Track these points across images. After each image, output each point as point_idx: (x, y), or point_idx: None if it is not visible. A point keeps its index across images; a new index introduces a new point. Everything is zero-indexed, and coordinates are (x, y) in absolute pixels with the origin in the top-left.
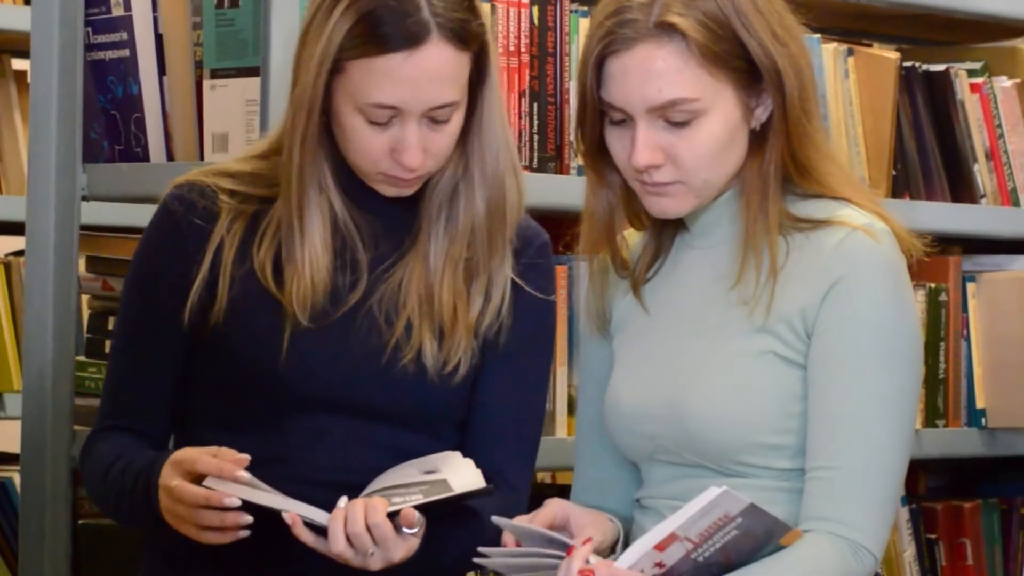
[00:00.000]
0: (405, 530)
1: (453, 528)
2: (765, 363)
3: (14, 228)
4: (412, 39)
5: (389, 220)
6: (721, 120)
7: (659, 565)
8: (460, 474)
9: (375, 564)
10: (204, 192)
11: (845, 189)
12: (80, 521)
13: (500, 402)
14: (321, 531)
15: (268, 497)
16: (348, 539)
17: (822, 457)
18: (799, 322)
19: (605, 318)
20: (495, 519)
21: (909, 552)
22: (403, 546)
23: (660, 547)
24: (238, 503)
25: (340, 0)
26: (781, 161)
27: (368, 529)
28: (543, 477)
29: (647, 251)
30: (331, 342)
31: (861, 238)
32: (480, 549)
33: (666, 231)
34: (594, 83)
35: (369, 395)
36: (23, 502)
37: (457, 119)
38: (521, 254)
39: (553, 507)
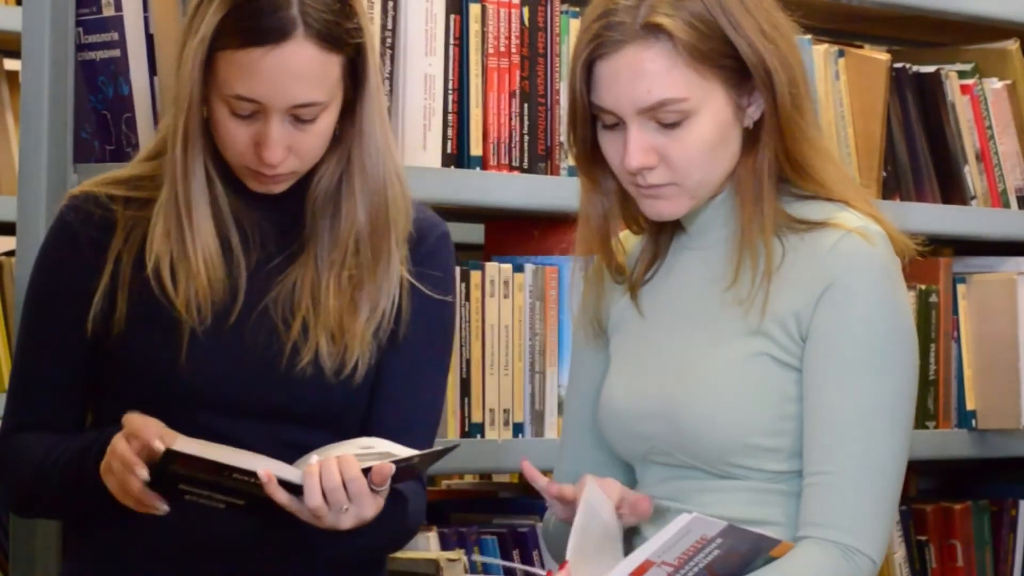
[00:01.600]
0: (374, 488)
1: (390, 504)
2: (759, 365)
3: (5, 228)
4: (275, 34)
5: (276, 219)
6: (712, 119)
7: None
8: (397, 448)
9: (347, 521)
10: (99, 202)
11: (842, 189)
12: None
13: (400, 397)
14: (292, 490)
15: (237, 456)
16: (323, 495)
17: (818, 463)
18: (793, 324)
19: (600, 325)
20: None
21: (899, 554)
22: (375, 504)
23: (636, 574)
24: (161, 448)
25: None
26: (775, 159)
27: (343, 485)
28: None
29: (645, 254)
30: (229, 346)
31: (856, 241)
32: None
33: (663, 234)
34: (584, 87)
35: (271, 398)
36: (12, 518)
37: (326, 120)
38: (418, 245)
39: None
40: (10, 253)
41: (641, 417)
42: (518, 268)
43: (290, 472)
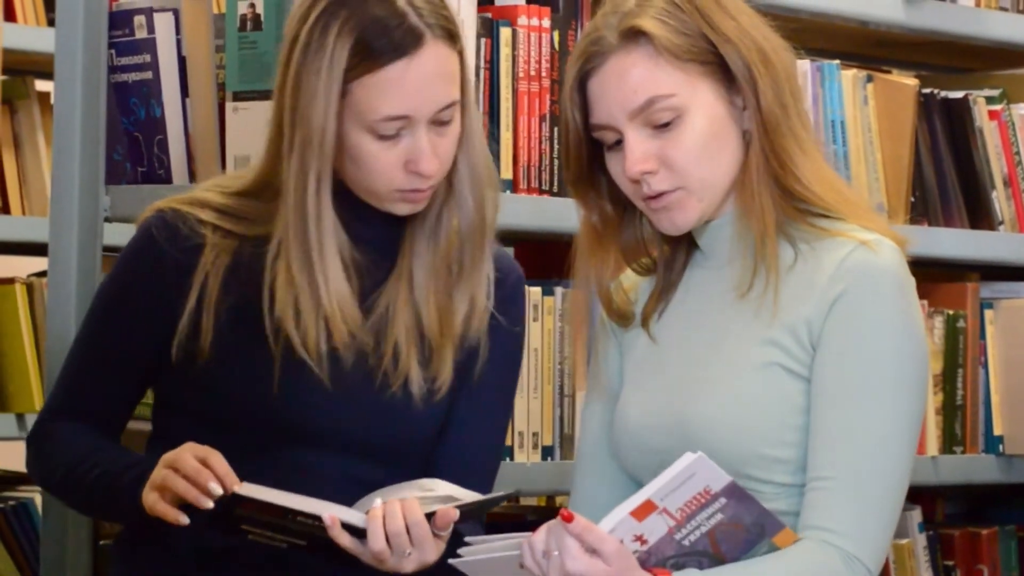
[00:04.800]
0: (437, 533)
1: (451, 547)
2: (770, 374)
3: (37, 249)
4: (411, 44)
5: (379, 246)
6: (704, 115)
7: (640, 540)
8: (457, 490)
9: (409, 566)
10: (187, 222)
11: (832, 199)
12: (100, 542)
13: (471, 435)
14: (355, 533)
15: (301, 501)
16: (387, 539)
17: (820, 468)
18: (804, 333)
19: (610, 387)
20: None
21: None
22: (437, 548)
23: (637, 515)
24: (219, 492)
25: (328, 28)
26: (762, 154)
27: (407, 529)
28: (562, 501)
29: (656, 289)
30: (322, 375)
31: (866, 252)
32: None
33: (676, 264)
34: (578, 111)
35: (357, 428)
36: (44, 523)
37: (458, 120)
38: (499, 285)
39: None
40: (41, 274)
41: (653, 430)
42: (548, 291)
43: (353, 516)
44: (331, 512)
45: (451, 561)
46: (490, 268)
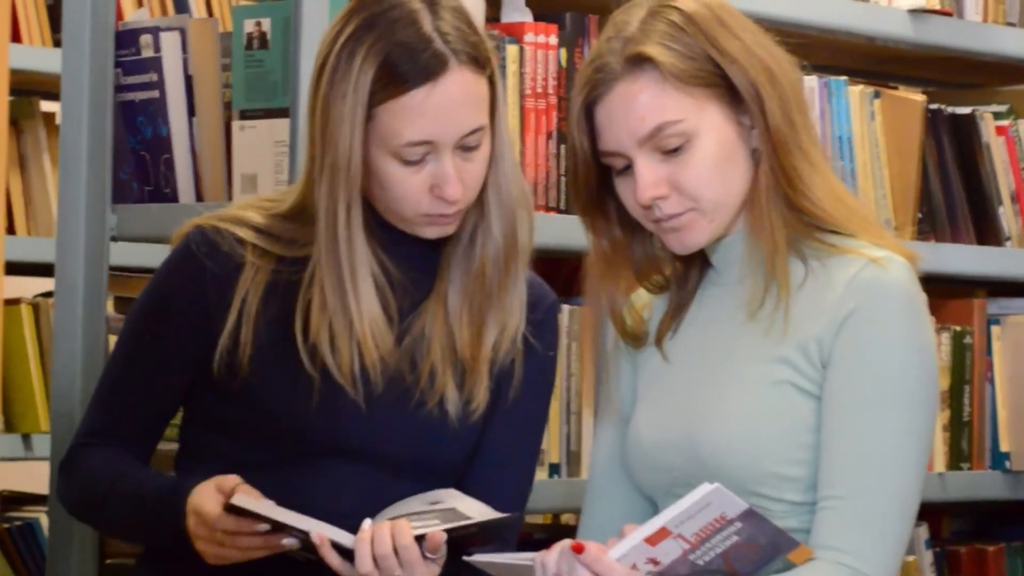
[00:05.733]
0: (428, 555)
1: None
2: (781, 393)
3: (43, 269)
4: (434, 69)
5: (415, 268)
6: (713, 138)
7: (653, 562)
8: (466, 503)
9: None
10: (226, 239)
11: (843, 216)
12: (107, 561)
13: (502, 461)
14: (345, 553)
15: (294, 517)
16: (375, 560)
17: (831, 487)
18: (815, 351)
19: (623, 409)
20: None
21: None
22: (428, 572)
23: (651, 541)
24: (267, 528)
25: (355, 53)
26: (772, 173)
27: (395, 552)
28: (568, 519)
29: (670, 307)
30: (357, 396)
31: (876, 270)
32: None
33: (689, 282)
34: (585, 137)
35: (390, 445)
36: (51, 543)
37: (487, 144)
38: (533, 310)
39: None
40: (48, 294)
41: (664, 448)
42: None
43: (343, 536)
44: (320, 531)
45: (467, 558)
46: (523, 292)
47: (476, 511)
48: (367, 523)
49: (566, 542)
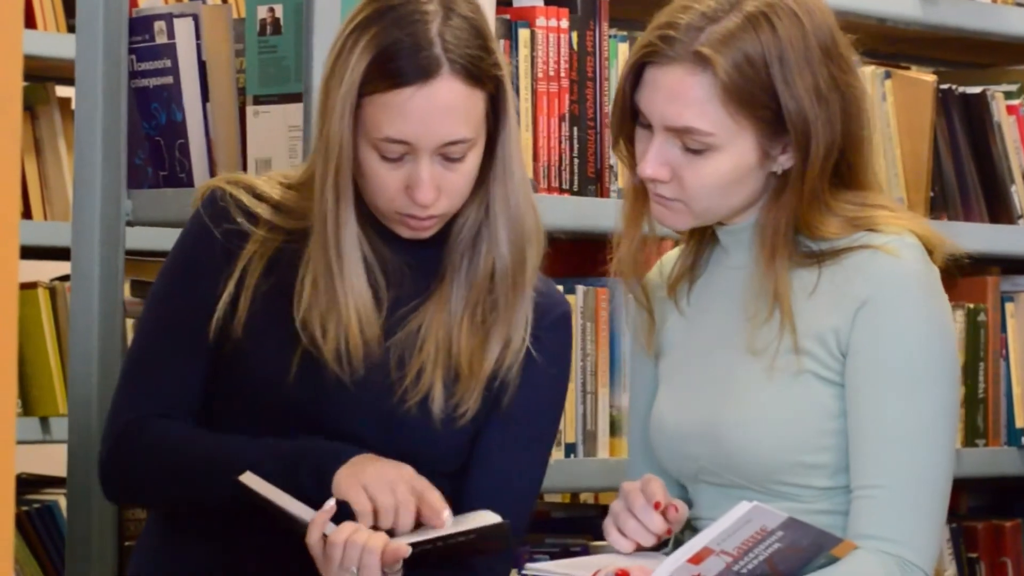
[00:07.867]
0: (385, 570)
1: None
2: (802, 383)
3: (59, 253)
4: (423, 73)
5: (415, 260)
6: (732, 160)
7: None
8: (481, 516)
9: None
10: (239, 206)
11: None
12: (126, 543)
13: (500, 463)
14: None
15: (299, 507)
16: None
17: (866, 476)
18: (833, 341)
19: (655, 336)
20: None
21: (950, 572)
22: None
23: (695, 560)
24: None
25: (358, 40)
26: (792, 215)
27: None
28: (586, 497)
29: (684, 259)
30: (341, 375)
31: (883, 258)
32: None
33: (702, 249)
34: (630, 86)
35: (368, 433)
36: (69, 526)
37: (473, 159)
38: (540, 320)
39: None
40: (64, 278)
41: (688, 439)
42: (569, 290)
43: (304, 511)
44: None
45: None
46: (528, 311)
47: (481, 522)
48: (330, 503)
49: (611, 567)
